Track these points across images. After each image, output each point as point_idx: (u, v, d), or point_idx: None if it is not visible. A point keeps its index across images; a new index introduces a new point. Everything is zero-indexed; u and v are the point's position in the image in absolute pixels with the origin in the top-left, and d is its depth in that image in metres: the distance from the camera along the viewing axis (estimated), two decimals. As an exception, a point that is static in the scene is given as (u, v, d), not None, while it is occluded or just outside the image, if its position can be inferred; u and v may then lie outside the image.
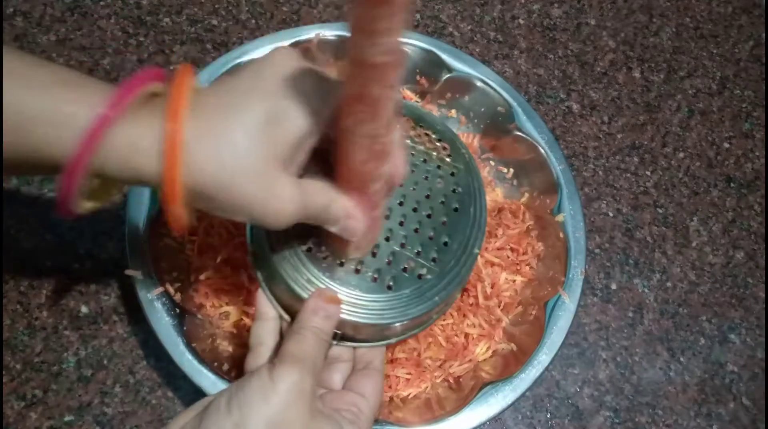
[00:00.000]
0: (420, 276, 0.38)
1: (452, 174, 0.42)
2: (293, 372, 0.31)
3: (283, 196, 0.29)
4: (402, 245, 0.39)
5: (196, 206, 0.28)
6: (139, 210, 0.45)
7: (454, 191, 0.41)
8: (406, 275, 0.38)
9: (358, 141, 0.28)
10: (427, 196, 0.41)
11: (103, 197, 0.30)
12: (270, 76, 0.29)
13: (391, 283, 0.38)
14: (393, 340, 0.41)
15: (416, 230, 0.39)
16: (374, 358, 0.39)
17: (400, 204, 0.40)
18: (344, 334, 0.38)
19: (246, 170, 0.27)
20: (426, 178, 0.41)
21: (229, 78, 0.30)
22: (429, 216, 0.40)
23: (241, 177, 0.27)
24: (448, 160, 0.42)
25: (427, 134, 0.43)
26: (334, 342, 0.38)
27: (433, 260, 0.39)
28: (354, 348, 0.40)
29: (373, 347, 0.40)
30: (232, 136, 0.27)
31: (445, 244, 0.40)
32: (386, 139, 0.29)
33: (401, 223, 0.39)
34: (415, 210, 0.40)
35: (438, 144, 0.43)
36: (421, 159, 0.42)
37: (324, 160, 0.32)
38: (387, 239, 0.39)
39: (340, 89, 0.27)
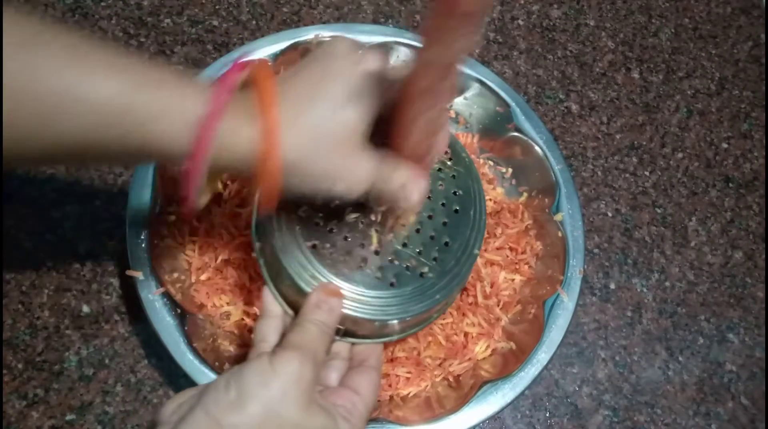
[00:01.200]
0: (422, 274, 0.39)
1: (453, 177, 0.43)
2: (293, 359, 0.31)
3: (361, 165, 0.33)
4: (404, 245, 0.40)
5: (284, 182, 0.31)
6: (140, 210, 0.46)
7: (454, 194, 0.42)
8: (409, 273, 0.39)
9: (417, 125, 0.32)
10: (429, 198, 0.42)
11: (208, 191, 0.34)
12: (337, 69, 0.32)
13: (393, 281, 0.39)
14: (394, 338, 0.42)
15: (418, 231, 0.40)
16: (370, 356, 0.39)
17: None
18: (346, 329, 0.39)
19: (330, 148, 0.31)
20: None
21: (298, 69, 0.33)
22: (430, 217, 0.41)
23: (328, 152, 0.31)
24: (449, 163, 0.43)
25: None
26: (337, 337, 0.39)
27: (434, 259, 0.40)
28: (352, 345, 0.40)
29: (371, 345, 0.40)
30: (317, 121, 0.31)
31: (446, 244, 0.41)
32: (439, 121, 0.33)
33: (403, 224, 0.40)
34: None
35: None
36: None
37: (377, 132, 0.35)
38: (390, 239, 0.40)
39: (391, 80, 0.32)
